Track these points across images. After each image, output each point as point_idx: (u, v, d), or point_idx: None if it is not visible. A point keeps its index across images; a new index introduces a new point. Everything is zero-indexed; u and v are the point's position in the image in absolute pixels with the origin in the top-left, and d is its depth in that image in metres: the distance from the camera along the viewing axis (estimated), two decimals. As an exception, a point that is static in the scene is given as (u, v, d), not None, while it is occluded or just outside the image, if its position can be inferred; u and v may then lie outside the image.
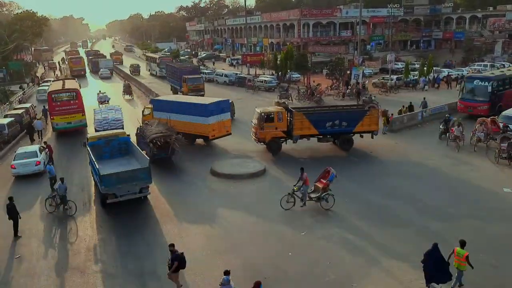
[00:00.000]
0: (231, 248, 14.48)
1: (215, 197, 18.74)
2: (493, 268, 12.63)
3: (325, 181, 16.99)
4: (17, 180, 21.89)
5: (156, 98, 32.81)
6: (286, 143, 24.61)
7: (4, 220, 16.20)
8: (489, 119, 24.42)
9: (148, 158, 18.29)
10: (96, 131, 26.92)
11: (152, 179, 17.93)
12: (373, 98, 36.24)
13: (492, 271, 12.49)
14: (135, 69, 67.89)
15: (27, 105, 37.89)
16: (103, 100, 39.40)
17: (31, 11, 78.05)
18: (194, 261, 13.67)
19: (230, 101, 28.15)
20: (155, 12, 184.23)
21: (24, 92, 50.71)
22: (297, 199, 16.99)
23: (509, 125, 24.25)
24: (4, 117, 31.62)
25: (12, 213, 15.83)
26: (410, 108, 31.12)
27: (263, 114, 23.65)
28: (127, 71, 69.14)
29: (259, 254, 13.99)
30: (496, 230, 14.83)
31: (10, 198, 16.12)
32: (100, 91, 42.23)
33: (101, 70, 66.41)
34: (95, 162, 17.92)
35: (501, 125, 24.33)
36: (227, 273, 11.01)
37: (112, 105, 34.34)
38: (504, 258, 13.12)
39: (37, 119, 32.43)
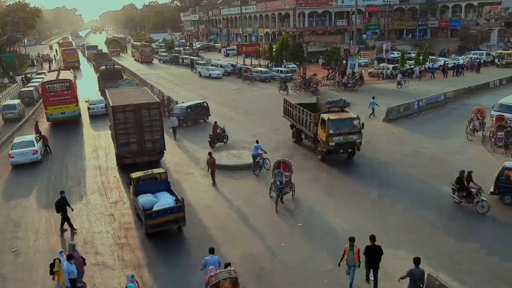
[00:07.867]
0: (229, 239, 14.50)
1: (212, 188, 18.70)
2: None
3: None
4: (14, 169, 22.01)
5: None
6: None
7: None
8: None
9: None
10: None
11: None
12: None
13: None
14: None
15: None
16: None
17: (24, 2, 76.93)
18: (189, 254, 13.72)
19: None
20: (149, 2, 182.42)
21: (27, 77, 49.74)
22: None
23: (505, 114, 24.24)
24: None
25: (61, 208, 15.47)
26: None
27: None
28: None
29: (257, 245, 14.01)
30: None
31: (62, 192, 15.97)
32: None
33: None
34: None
35: (494, 114, 24.33)
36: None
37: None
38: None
39: None
